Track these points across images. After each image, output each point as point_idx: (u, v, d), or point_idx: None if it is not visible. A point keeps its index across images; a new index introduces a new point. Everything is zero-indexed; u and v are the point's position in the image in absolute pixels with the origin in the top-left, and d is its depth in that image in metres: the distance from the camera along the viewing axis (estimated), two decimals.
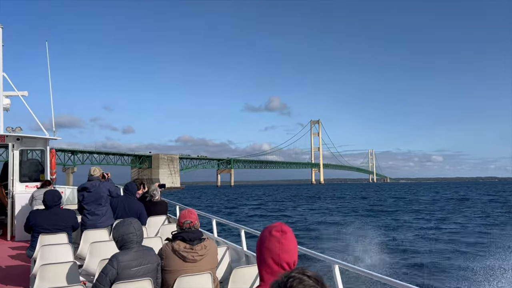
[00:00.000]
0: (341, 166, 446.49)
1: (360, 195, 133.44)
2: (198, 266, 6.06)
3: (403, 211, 65.89)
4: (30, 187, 14.38)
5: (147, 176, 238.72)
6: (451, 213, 61.04)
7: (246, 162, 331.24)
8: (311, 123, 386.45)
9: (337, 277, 5.83)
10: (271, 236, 3.08)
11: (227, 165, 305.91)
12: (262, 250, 3.08)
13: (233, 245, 8.87)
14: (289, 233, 3.13)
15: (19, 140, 14.36)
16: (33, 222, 8.88)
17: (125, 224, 5.80)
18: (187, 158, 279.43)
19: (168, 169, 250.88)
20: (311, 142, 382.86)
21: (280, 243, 3.03)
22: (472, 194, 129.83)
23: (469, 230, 41.74)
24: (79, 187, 10.03)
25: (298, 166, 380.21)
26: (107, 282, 5.47)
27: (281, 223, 3.20)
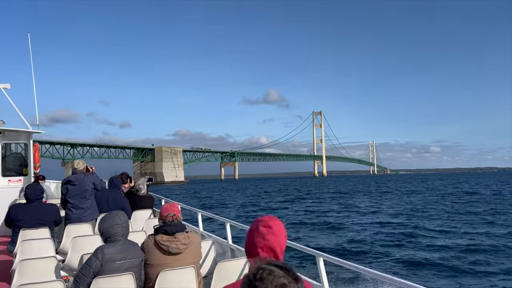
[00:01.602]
0: (343, 158, 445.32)
1: (407, 187, 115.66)
2: (181, 259, 5.99)
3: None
4: (13, 181, 14.44)
5: (149, 170, 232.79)
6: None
7: (250, 155, 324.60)
8: (313, 114, 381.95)
9: (321, 269, 5.98)
10: (257, 231, 3.09)
11: (230, 158, 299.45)
12: (249, 244, 3.13)
13: (218, 239, 9.04)
14: (276, 227, 3.11)
15: (1, 133, 14.32)
16: (14, 216, 8.80)
17: (111, 216, 5.83)
18: (191, 151, 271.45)
19: (171, 162, 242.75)
20: (313, 133, 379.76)
21: (265, 239, 3.04)
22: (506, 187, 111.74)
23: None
24: (63, 180, 9.82)
25: (301, 159, 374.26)
26: (90, 274, 5.46)
27: (270, 217, 3.20)
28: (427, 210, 50.39)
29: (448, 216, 43.53)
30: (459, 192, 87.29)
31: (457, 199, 68.21)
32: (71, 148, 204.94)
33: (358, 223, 39.30)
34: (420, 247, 27.15)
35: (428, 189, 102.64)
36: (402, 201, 66.74)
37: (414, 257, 24.02)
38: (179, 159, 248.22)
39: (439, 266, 21.91)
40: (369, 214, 46.72)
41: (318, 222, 40.29)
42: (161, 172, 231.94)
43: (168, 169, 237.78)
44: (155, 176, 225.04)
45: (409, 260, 23.27)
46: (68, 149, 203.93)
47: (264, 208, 58.38)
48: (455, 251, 25.35)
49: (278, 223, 3.17)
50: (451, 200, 64.89)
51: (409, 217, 43.14)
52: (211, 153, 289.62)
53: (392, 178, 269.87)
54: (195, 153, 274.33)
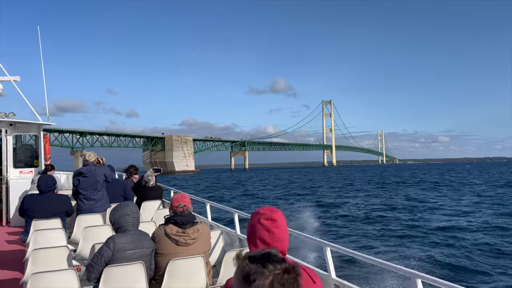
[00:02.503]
0: (353, 147, 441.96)
1: (451, 178, 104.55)
2: (190, 249, 6.10)
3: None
4: (24, 172, 14.65)
5: (160, 159, 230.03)
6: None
7: (260, 144, 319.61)
8: (322, 103, 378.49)
9: (328, 258, 6.05)
10: (260, 225, 2.98)
11: (241, 147, 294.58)
12: (252, 238, 3.01)
13: (226, 229, 9.15)
14: (280, 220, 3.02)
15: (12, 125, 14.49)
16: (27, 206, 8.98)
17: (122, 207, 5.95)
18: (201, 140, 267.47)
19: (182, 151, 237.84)
20: (323, 123, 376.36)
21: (270, 232, 2.95)
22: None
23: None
24: (74, 172, 9.95)
25: (310, 148, 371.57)
26: (102, 262, 5.57)
27: (271, 209, 3.08)
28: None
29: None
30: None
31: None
32: (80, 136, 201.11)
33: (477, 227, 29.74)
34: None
35: (482, 179, 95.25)
36: (472, 194, 56.63)
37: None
38: (189, 148, 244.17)
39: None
40: (464, 214, 36.33)
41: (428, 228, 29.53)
42: (171, 162, 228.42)
43: (179, 159, 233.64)
44: (166, 165, 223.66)
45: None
46: (77, 138, 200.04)
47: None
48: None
49: (281, 215, 3.08)
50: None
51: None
52: (221, 142, 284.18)
53: (407, 168, 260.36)
54: (205, 142, 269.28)
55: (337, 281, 5.92)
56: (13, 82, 16.15)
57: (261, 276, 1.78)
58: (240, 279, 1.84)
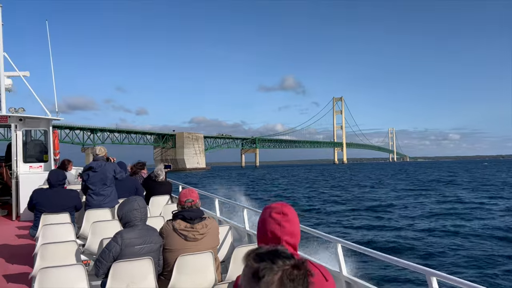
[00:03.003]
0: (363, 145, 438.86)
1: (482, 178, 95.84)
2: (199, 245, 6.08)
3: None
4: (34, 167, 14.72)
5: (171, 156, 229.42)
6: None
7: (271, 142, 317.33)
8: (333, 100, 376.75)
9: (339, 255, 6.00)
10: (271, 219, 2.98)
11: (251, 144, 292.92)
12: (263, 233, 3.01)
13: (235, 224, 9.20)
14: (291, 214, 3.02)
15: (22, 120, 14.57)
16: (36, 200, 9.00)
17: (130, 201, 5.94)
18: (212, 137, 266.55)
19: (193, 148, 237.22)
20: (333, 120, 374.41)
21: (281, 225, 2.95)
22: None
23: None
24: (84, 166, 9.95)
25: (321, 146, 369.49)
26: (110, 258, 5.57)
27: (282, 203, 3.08)
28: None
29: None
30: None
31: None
32: (91, 133, 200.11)
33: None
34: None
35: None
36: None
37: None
38: (200, 145, 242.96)
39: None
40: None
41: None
42: (182, 159, 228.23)
43: (190, 156, 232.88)
44: (176, 162, 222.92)
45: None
46: (88, 135, 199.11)
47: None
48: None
49: (292, 210, 3.07)
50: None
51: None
52: (232, 139, 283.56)
53: (425, 166, 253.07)
54: (215, 140, 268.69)
55: (348, 278, 5.87)
56: (22, 77, 16.21)
57: (270, 272, 1.75)
58: (249, 276, 1.81)
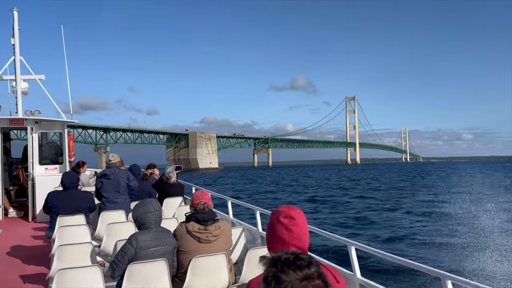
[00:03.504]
0: (376, 145, 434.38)
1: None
2: (213, 246, 6.12)
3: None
4: (49, 169, 14.96)
5: (183, 156, 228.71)
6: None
7: (284, 141, 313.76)
8: (346, 99, 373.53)
9: (353, 257, 5.96)
10: (279, 223, 2.94)
11: (264, 144, 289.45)
12: (271, 237, 2.99)
13: (248, 226, 9.18)
14: (298, 218, 2.97)
15: (38, 123, 14.82)
16: (51, 203, 9.10)
17: (145, 204, 6.00)
18: (224, 137, 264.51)
19: (205, 148, 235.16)
20: (346, 119, 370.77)
21: (289, 230, 2.91)
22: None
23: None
24: (98, 174, 10.13)
25: (334, 145, 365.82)
26: (125, 260, 5.65)
27: (289, 207, 3.03)
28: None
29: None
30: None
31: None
32: (104, 132, 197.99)
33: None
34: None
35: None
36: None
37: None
38: (213, 145, 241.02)
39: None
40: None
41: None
42: (195, 158, 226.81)
43: (203, 155, 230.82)
44: (189, 162, 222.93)
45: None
46: (100, 134, 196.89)
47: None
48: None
49: (300, 213, 3.03)
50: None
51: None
52: (245, 139, 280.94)
53: (445, 166, 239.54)
54: (228, 139, 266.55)
55: (362, 281, 5.85)
56: (38, 80, 16.50)
57: (277, 281, 1.77)
58: (262, 280, 1.85)
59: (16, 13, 15.22)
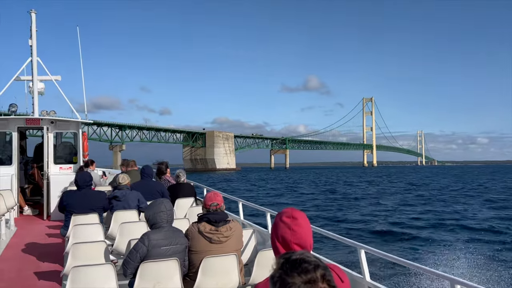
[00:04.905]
0: (392, 148, 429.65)
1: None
2: (224, 247, 6.18)
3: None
4: (64, 168, 15.19)
5: (200, 156, 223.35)
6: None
7: (301, 143, 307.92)
8: (363, 101, 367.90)
9: (362, 261, 5.98)
10: (282, 223, 3.04)
11: (281, 145, 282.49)
12: (274, 238, 3.07)
13: (259, 228, 9.25)
14: (301, 218, 3.06)
15: (53, 123, 15.05)
16: (66, 202, 9.31)
17: (157, 204, 6.14)
18: (242, 137, 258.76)
19: (223, 148, 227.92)
20: (363, 121, 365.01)
21: (291, 229, 3.00)
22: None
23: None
24: (109, 195, 10.01)
25: (350, 148, 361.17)
26: (137, 258, 5.75)
27: (292, 209, 3.14)
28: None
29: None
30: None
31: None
32: (120, 130, 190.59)
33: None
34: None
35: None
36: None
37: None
38: (230, 145, 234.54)
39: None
40: None
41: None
42: (212, 159, 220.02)
43: (220, 156, 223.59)
44: (206, 162, 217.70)
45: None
46: (116, 131, 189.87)
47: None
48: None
49: (302, 214, 3.11)
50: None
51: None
52: (262, 139, 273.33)
53: (467, 170, 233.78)
54: (245, 139, 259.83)
55: (371, 284, 5.88)
56: (54, 81, 16.78)
57: (281, 283, 1.82)
58: (270, 278, 1.90)
59: (34, 15, 15.47)
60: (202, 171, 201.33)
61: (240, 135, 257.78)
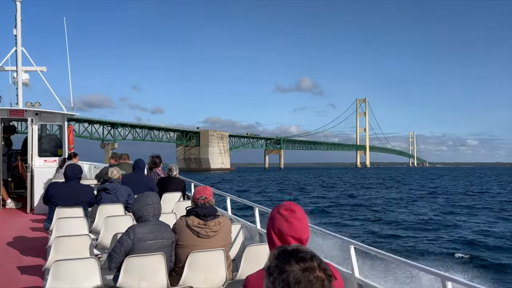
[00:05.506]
0: (385, 148, 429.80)
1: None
2: (211, 242, 6.09)
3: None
4: (48, 161, 14.94)
5: (194, 155, 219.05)
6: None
7: (296, 143, 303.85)
8: (357, 101, 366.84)
9: (352, 257, 5.97)
10: (279, 215, 3.04)
11: (275, 145, 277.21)
12: (270, 230, 3.06)
13: (247, 223, 9.18)
14: (299, 212, 3.06)
15: (38, 115, 14.82)
16: (51, 193, 9.14)
17: (144, 197, 6.00)
18: (237, 136, 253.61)
19: (217, 147, 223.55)
20: (356, 122, 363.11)
21: (288, 222, 3.00)
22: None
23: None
24: (98, 187, 9.93)
25: (346, 148, 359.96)
26: (122, 252, 5.64)
27: (291, 202, 3.14)
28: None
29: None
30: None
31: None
32: (112, 128, 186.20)
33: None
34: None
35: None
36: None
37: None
38: (225, 144, 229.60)
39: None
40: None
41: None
42: (206, 158, 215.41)
43: (214, 155, 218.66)
44: (200, 162, 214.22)
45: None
46: (108, 129, 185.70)
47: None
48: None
49: (300, 208, 3.10)
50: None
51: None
52: (256, 139, 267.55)
53: (464, 172, 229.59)
54: (239, 139, 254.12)
55: (361, 280, 5.84)
56: (39, 72, 16.48)
57: (278, 271, 1.86)
58: (265, 270, 1.94)
59: (19, 4, 15.23)
60: (196, 170, 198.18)
61: (234, 134, 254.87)
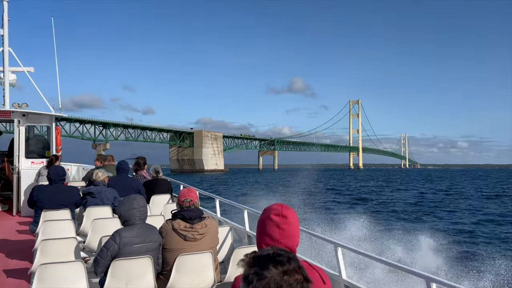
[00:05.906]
0: (377, 150, 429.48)
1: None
2: (198, 245, 6.07)
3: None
4: (36, 163, 14.72)
5: (188, 156, 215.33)
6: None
7: (290, 144, 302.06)
8: (350, 103, 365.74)
9: (339, 259, 5.98)
10: (270, 221, 2.92)
11: (269, 146, 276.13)
12: (260, 234, 2.96)
13: (235, 225, 9.17)
14: (291, 217, 2.94)
15: (25, 116, 14.64)
16: (37, 197, 9.01)
17: (129, 200, 5.92)
18: (231, 137, 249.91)
19: (211, 148, 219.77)
20: (349, 123, 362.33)
21: (280, 228, 2.89)
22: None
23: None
24: (83, 190, 9.70)
25: (340, 150, 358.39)
26: (108, 257, 5.58)
27: (282, 205, 2.99)
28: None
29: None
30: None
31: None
32: (103, 128, 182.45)
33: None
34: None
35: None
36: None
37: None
38: (219, 145, 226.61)
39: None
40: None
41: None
42: (200, 159, 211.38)
43: (208, 156, 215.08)
44: (194, 163, 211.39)
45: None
46: (99, 129, 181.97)
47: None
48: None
49: (292, 212, 3.00)
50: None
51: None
52: (250, 140, 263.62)
53: (454, 174, 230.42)
54: (233, 140, 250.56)
55: (347, 282, 5.85)
56: (26, 72, 16.32)
57: (258, 278, 1.78)
58: (242, 278, 1.86)
59: (6, 3, 15.10)
60: (189, 172, 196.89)
61: (228, 135, 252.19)
